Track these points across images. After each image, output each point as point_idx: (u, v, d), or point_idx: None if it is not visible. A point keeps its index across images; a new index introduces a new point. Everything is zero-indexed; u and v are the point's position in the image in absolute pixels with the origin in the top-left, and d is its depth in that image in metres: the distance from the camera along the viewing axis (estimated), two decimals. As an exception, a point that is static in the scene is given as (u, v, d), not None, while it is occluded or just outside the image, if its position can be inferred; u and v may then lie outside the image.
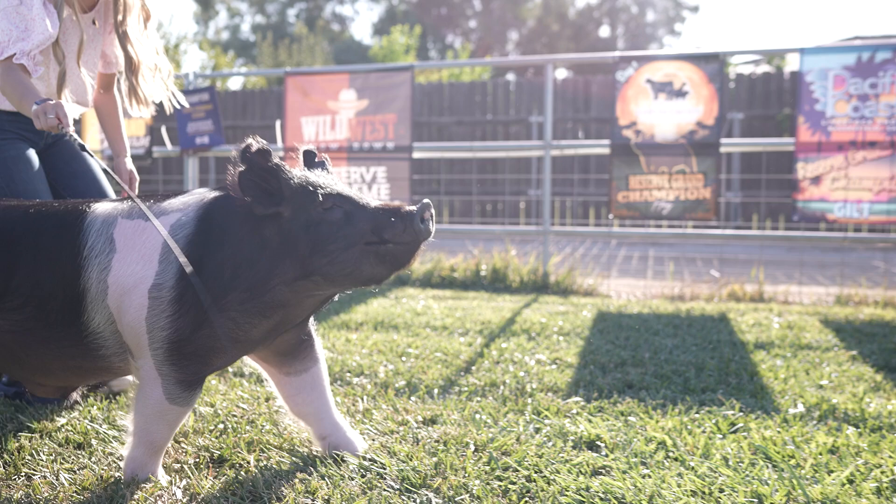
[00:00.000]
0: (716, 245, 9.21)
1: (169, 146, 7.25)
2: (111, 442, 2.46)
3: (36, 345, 2.18)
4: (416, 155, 6.46)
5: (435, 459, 2.29)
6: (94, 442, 2.45)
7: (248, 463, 2.28)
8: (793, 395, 3.02)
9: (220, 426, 2.59)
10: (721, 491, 2.08)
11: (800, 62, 5.47)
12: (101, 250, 2.15)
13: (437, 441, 2.47)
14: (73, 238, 2.17)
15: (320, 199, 2.07)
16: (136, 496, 2.04)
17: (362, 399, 2.93)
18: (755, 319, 4.68)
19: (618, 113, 5.82)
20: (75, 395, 2.86)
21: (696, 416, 2.72)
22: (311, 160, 2.23)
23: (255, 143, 2.05)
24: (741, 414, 2.75)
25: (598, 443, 2.45)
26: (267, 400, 2.90)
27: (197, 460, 2.31)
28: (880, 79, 5.31)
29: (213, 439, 2.48)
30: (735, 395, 3.00)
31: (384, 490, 2.09)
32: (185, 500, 2.02)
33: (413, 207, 2.08)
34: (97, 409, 2.76)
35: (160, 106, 3.17)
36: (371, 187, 6.27)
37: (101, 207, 2.24)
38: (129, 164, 3.14)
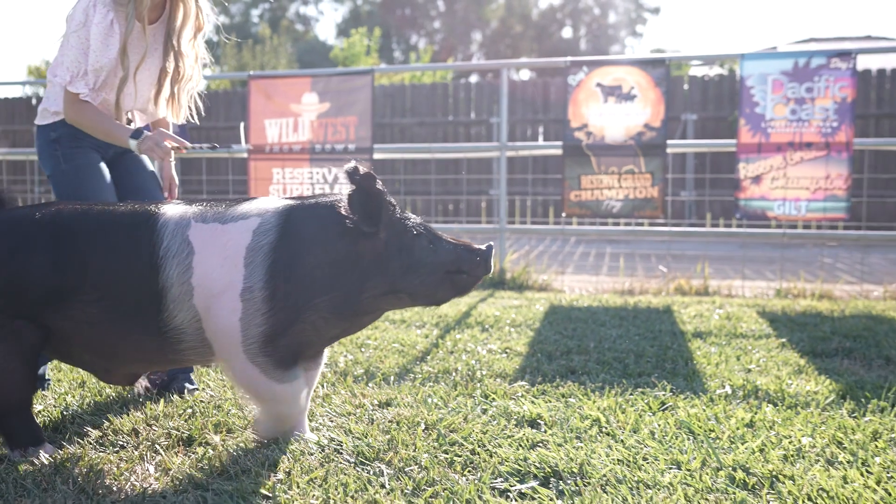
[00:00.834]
0: (670, 242, 9.51)
1: (134, 148, 7.38)
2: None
3: (112, 336, 2.33)
4: (376, 156, 6.65)
5: (388, 437, 2.50)
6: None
7: (216, 442, 2.47)
8: (721, 378, 3.27)
9: (189, 410, 2.78)
10: (644, 459, 2.32)
11: (740, 67, 5.76)
12: (179, 251, 2.30)
13: (390, 421, 2.68)
14: (147, 238, 2.32)
15: (411, 226, 2.35)
16: (113, 470, 2.23)
17: (322, 385, 3.13)
18: (697, 311, 4.95)
19: (570, 115, 6.07)
20: (143, 383, 3.02)
21: (630, 396, 2.96)
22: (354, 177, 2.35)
23: (362, 167, 2.26)
24: (671, 394, 2.99)
25: (538, 421, 2.68)
26: (233, 387, 3.09)
27: (168, 441, 2.50)
28: (815, 83, 5.61)
29: (182, 422, 2.67)
30: (668, 379, 3.24)
31: (340, 463, 2.30)
32: (157, 475, 2.21)
33: (483, 247, 2.42)
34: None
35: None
36: (333, 188, 6.46)
37: (171, 209, 2.40)
38: (172, 170, 3.26)
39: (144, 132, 2.84)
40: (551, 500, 2.04)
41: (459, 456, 2.36)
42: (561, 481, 2.16)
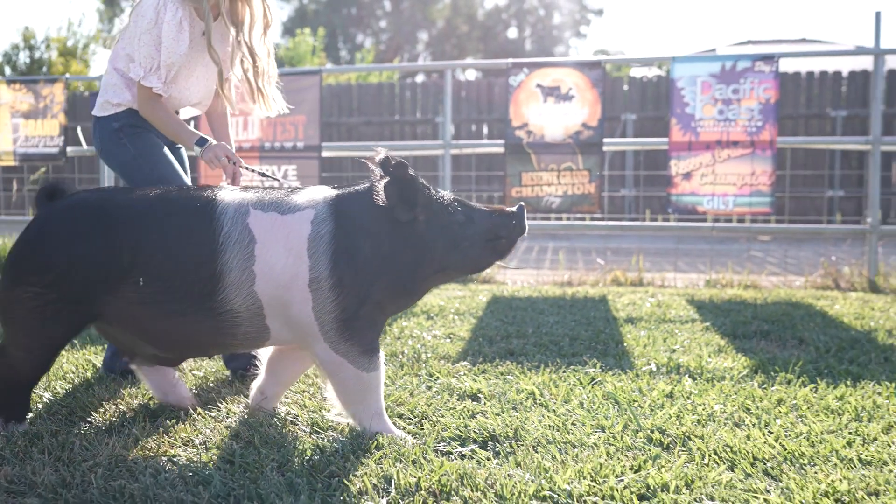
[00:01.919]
0: (609, 237, 9.84)
1: (84, 146, 7.47)
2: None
3: (163, 317, 2.42)
4: (324, 154, 6.84)
5: (340, 411, 2.72)
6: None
7: (179, 417, 2.66)
8: (648, 357, 3.55)
9: (150, 392, 2.96)
10: (573, 425, 2.57)
11: (671, 69, 6.07)
12: (240, 238, 2.40)
13: (342, 397, 2.90)
14: (206, 222, 2.42)
15: (446, 205, 2.50)
16: (84, 442, 2.42)
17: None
18: (630, 300, 5.24)
19: (511, 115, 6.33)
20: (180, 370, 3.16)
21: (563, 373, 3.22)
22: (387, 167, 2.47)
23: (393, 157, 2.42)
24: (601, 371, 3.26)
25: (478, 395, 2.92)
26: (191, 371, 3.28)
27: (133, 416, 2.69)
28: (741, 85, 5.95)
29: (145, 399, 2.85)
30: (599, 358, 3.51)
31: (297, 433, 2.51)
32: (126, 445, 2.40)
33: (514, 209, 2.56)
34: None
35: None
36: (282, 184, 6.63)
37: (227, 195, 2.49)
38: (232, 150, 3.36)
39: (209, 141, 2.96)
40: (488, 459, 2.28)
41: (406, 426, 2.59)
42: (497, 444, 2.40)
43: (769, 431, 2.50)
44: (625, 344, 3.83)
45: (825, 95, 11.70)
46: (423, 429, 2.56)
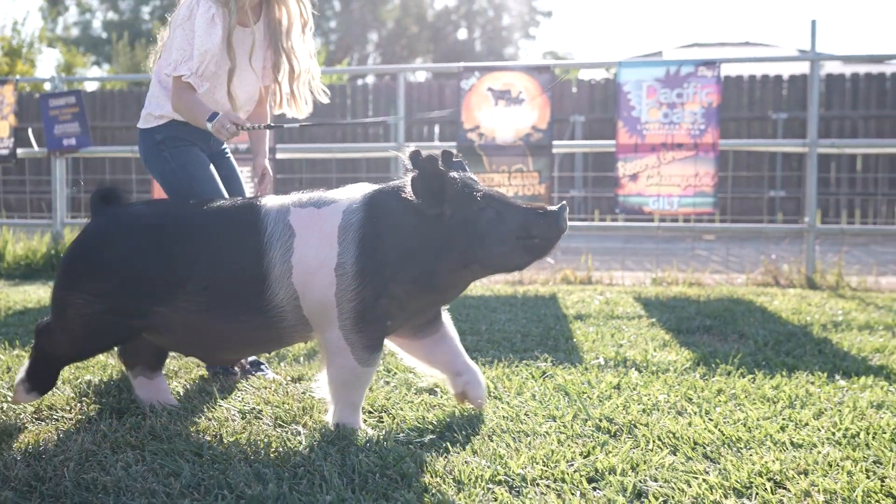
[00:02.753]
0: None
1: (35, 147, 7.44)
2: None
3: (219, 320, 2.53)
4: (278, 156, 6.91)
5: (302, 405, 2.82)
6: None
7: (146, 413, 2.74)
8: (596, 351, 3.71)
9: (115, 389, 3.03)
10: (526, 415, 2.71)
11: (618, 74, 6.26)
12: (282, 235, 2.51)
13: (303, 392, 3.00)
14: (252, 225, 2.53)
15: (477, 200, 2.49)
16: (54, 438, 2.49)
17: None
18: (580, 298, 5.41)
19: (463, 118, 6.46)
20: (239, 367, 3.21)
21: (516, 367, 3.36)
22: (449, 160, 2.56)
23: (422, 151, 2.48)
24: (551, 365, 3.40)
25: (435, 389, 3.05)
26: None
27: (101, 413, 2.76)
28: (685, 89, 6.15)
29: (111, 397, 2.92)
30: (550, 353, 3.65)
31: (261, 426, 2.61)
32: (95, 441, 2.47)
33: (555, 208, 2.51)
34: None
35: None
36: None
37: (271, 200, 2.63)
38: (266, 164, 3.38)
39: (218, 115, 2.97)
40: (446, 448, 2.40)
41: (367, 419, 2.70)
42: (454, 434, 2.52)
43: (709, 419, 2.66)
44: (574, 339, 3.98)
45: (767, 98, 12.04)
46: (382, 421, 2.67)
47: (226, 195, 3.16)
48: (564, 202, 2.55)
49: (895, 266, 7.64)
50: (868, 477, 2.14)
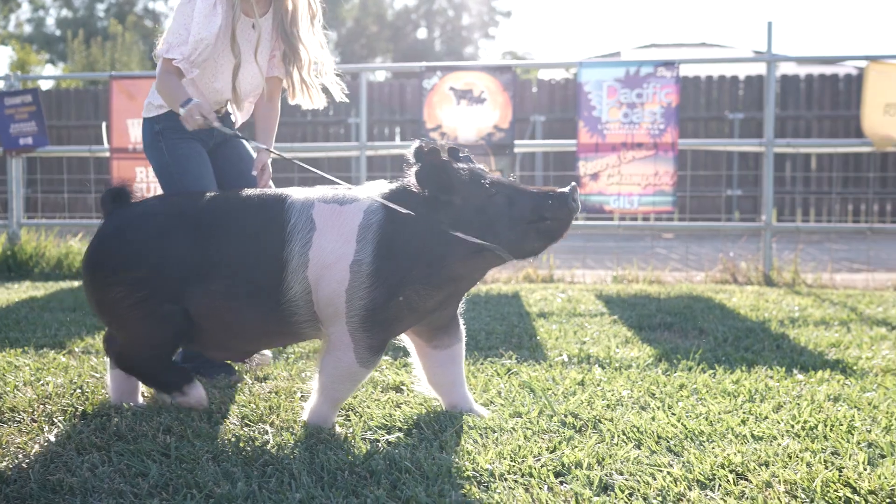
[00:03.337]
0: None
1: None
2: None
3: (243, 309, 2.54)
4: (240, 155, 6.87)
5: (269, 404, 2.82)
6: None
7: (110, 414, 2.72)
8: (560, 348, 3.74)
9: (78, 391, 3.00)
10: (492, 412, 2.73)
11: (578, 74, 6.32)
12: (303, 227, 2.50)
13: (269, 392, 3.00)
14: (276, 215, 2.53)
15: (486, 187, 2.47)
16: (17, 440, 2.46)
17: (203, 365, 3.40)
18: (542, 296, 5.45)
19: (425, 117, 6.48)
20: (256, 359, 3.18)
21: (481, 365, 3.39)
22: (456, 155, 2.56)
23: (425, 144, 2.47)
24: (516, 362, 3.43)
25: (401, 387, 3.06)
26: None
27: (64, 415, 2.73)
28: (644, 89, 6.23)
29: (73, 399, 2.89)
30: (514, 350, 3.69)
31: (227, 426, 2.60)
32: (59, 442, 2.45)
33: (565, 189, 2.48)
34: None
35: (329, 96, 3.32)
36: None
37: (296, 192, 2.60)
38: (268, 160, 3.26)
39: (192, 101, 2.94)
40: (414, 445, 2.42)
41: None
42: (422, 431, 2.54)
43: (672, 413, 2.70)
44: (538, 337, 4.02)
45: (723, 99, 12.21)
46: (350, 420, 2.68)
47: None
48: (574, 182, 2.54)
49: (848, 263, 7.80)
50: (826, 468, 2.20)
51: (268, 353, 3.28)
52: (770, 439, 2.45)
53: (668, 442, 2.42)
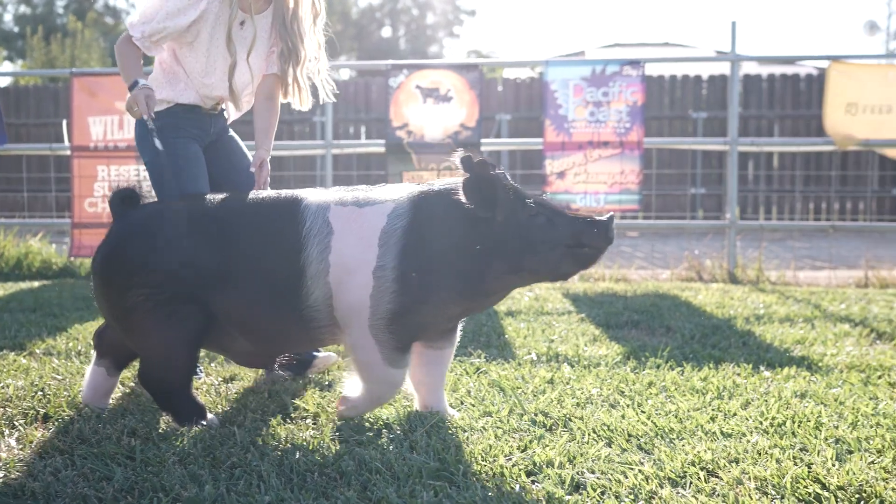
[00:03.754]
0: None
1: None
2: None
3: (261, 314, 2.48)
4: (204, 153, 6.80)
5: (236, 405, 2.78)
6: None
7: (73, 417, 2.66)
8: (528, 347, 3.74)
9: (40, 394, 2.94)
10: (458, 410, 2.72)
11: (545, 73, 6.33)
12: (320, 231, 2.44)
13: (236, 393, 2.96)
14: (291, 218, 2.47)
15: (528, 206, 2.44)
16: (-23, 444, 2.40)
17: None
18: (509, 294, 5.44)
19: (391, 115, 6.45)
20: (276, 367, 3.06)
21: (452, 363, 3.37)
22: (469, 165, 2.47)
23: (474, 154, 2.41)
24: (485, 361, 3.42)
25: (370, 386, 3.04)
26: (78, 373, 3.25)
27: (25, 419, 2.67)
28: (610, 88, 6.26)
29: (35, 402, 2.83)
30: (483, 349, 3.68)
31: (194, 427, 2.56)
32: (20, 447, 2.40)
33: (604, 217, 2.46)
34: None
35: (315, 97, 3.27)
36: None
37: (311, 194, 2.55)
38: (266, 157, 3.18)
39: (139, 84, 2.89)
40: (384, 445, 2.39)
41: (304, 418, 2.67)
42: (391, 432, 2.52)
43: (641, 411, 2.71)
44: (506, 335, 4.01)
45: (687, 98, 12.32)
46: (318, 421, 2.65)
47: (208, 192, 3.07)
48: (612, 213, 2.51)
49: (811, 260, 7.90)
50: (796, 464, 2.21)
51: (333, 354, 3.23)
52: (739, 436, 2.46)
53: (638, 440, 2.42)
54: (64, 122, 6.83)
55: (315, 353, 3.18)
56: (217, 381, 3.12)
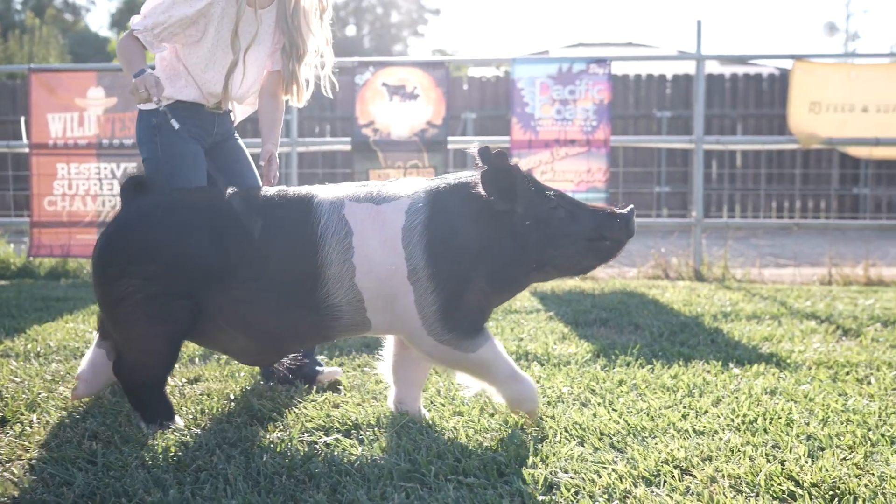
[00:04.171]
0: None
1: None
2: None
3: (269, 313, 2.39)
4: (166, 151, 6.69)
5: (200, 407, 2.72)
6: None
7: (31, 420, 2.59)
8: (498, 345, 3.71)
9: (-3, 396, 2.86)
10: (428, 410, 2.68)
11: (511, 71, 6.31)
12: (337, 230, 2.36)
13: (201, 394, 2.89)
14: (304, 215, 2.38)
15: (549, 198, 2.38)
16: (-69, 449, 2.32)
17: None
18: (478, 293, 5.42)
19: (357, 113, 6.39)
20: (283, 368, 2.98)
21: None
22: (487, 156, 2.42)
23: (492, 146, 2.35)
24: (455, 360, 3.38)
25: (338, 386, 2.99)
26: (37, 375, 3.17)
27: (-19, 422, 2.59)
28: (577, 86, 6.25)
29: (-7, 406, 2.75)
30: (452, 348, 3.64)
31: (157, 430, 2.49)
32: (-24, 452, 2.32)
33: (625, 210, 2.41)
34: None
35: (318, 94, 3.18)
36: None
37: (322, 190, 2.46)
38: (274, 152, 3.09)
39: (145, 72, 2.79)
40: (353, 447, 2.35)
41: (271, 419, 2.62)
42: (361, 432, 2.47)
43: (613, 409, 2.69)
44: (475, 334, 3.98)
45: (651, 97, 12.38)
46: (286, 422, 2.59)
47: None
48: (632, 205, 2.47)
49: (774, 258, 7.97)
50: (769, 461, 2.20)
51: (338, 368, 3.14)
52: (711, 434, 2.45)
53: (611, 438, 2.40)
54: (22, 119, 6.69)
55: (319, 368, 3.09)
56: (181, 383, 3.06)
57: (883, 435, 2.42)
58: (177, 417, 2.55)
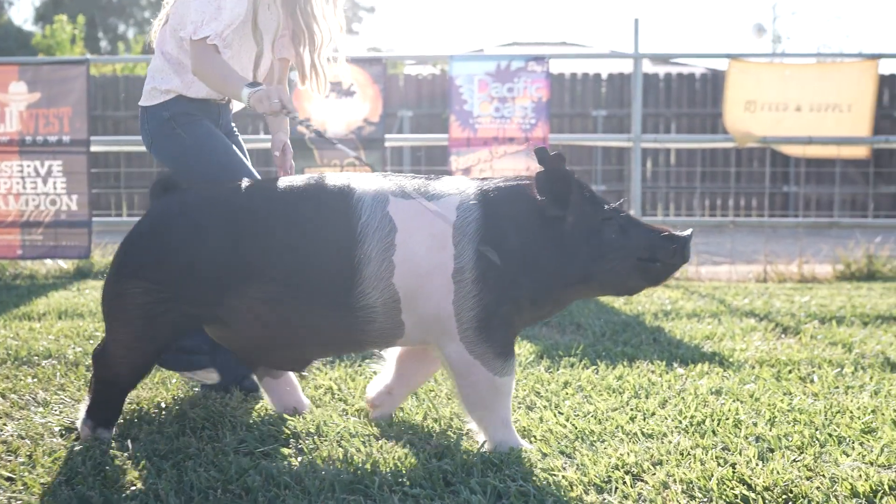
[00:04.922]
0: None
1: None
2: None
3: (294, 315, 2.20)
4: (94, 148, 6.46)
5: (129, 418, 2.58)
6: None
7: (-55, 435, 2.42)
8: (440, 347, 3.63)
9: None
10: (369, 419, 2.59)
11: (450, 68, 6.24)
12: (380, 227, 2.18)
13: (130, 403, 2.75)
14: (342, 211, 2.20)
15: (603, 210, 2.23)
16: None
17: (54, 376, 3.10)
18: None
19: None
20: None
21: (359, 367, 3.23)
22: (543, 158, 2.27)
23: (550, 147, 2.17)
24: (396, 363, 3.29)
25: (275, 393, 2.87)
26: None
27: None
28: (515, 84, 6.20)
29: None
30: (393, 351, 3.55)
31: (82, 443, 2.35)
32: None
33: (683, 234, 2.26)
34: None
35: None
36: (46, 182, 6.19)
37: (362, 183, 2.29)
38: (287, 140, 3.00)
39: (262, 85, 2.57)
40: (292, 457, 2.24)
41: (204, 428, 2.49)
42: (301, 441, 2.37)
43: (560, 412, 2.63)
44: (416, 336, 3.89)
45: (587, 96, 12.44)
46: (220, 432, 2.47)
47: (252, 170, 2.79)
48: (692, 230, 2.33)
49: (709, 256, 8.04)
50: (720, 464, 2.16)
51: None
52: (660, 436, 2.40)
53: (559, 443, 2.34)
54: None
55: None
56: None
57: (830, 435, 2.40)
58: (112, 431, 2.41)
